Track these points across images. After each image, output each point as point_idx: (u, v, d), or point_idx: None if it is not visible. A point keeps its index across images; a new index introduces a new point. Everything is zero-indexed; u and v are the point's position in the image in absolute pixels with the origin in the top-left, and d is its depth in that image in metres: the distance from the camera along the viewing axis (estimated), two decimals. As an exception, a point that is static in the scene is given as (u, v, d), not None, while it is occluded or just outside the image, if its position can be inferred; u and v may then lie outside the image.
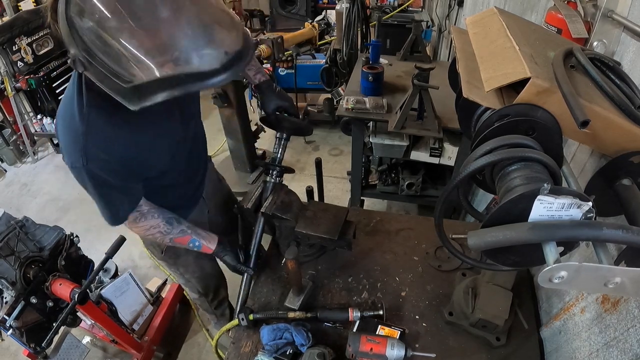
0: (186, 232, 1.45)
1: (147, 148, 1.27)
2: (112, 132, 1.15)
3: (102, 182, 1.19)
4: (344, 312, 1.37)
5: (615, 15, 1.01)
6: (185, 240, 1.46)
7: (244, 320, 1.39)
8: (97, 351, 2.52)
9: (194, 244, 1.47)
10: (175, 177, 1.50)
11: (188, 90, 0.90)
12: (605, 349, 0.98)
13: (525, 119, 0.80)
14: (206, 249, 1.51)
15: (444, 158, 2.49)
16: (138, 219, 1.36)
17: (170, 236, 1.43)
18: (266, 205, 1.52)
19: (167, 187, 1.50)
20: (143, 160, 1.27)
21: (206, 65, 0.91)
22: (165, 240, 1.43)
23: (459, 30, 1.16)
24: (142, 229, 1.38)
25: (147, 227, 1.38)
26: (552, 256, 0.62)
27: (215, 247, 1.51)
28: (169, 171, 1.42)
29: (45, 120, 3.96)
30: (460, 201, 1.08)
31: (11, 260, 1.72)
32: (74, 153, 1.12)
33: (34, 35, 3.88)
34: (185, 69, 0.89)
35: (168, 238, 1.43)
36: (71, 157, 1.12)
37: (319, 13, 4.86)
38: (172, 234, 1.42)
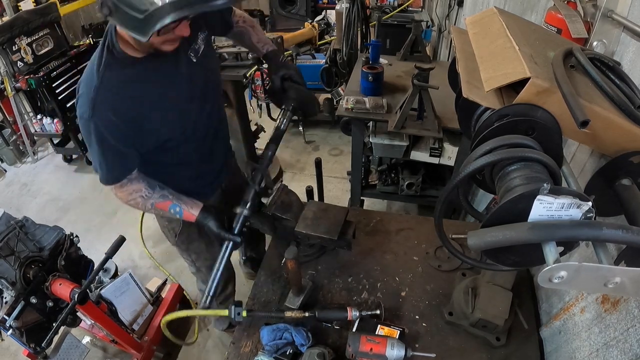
0: (167, 197, 1.44)
1: (154, 108, 1.32)
2: (122, 90, 1.25)
3: (103, 139, 1.25)
4: (343, 312, 1.37)
5: (615, 15, 1.01)
6: (166, 206, 1.44)
7: (239, 315, 1.35)
8: (97, 351, 2.52)
9: (175, 209, 1.45)
10: (189, 153, 1.52)
11: (195, 10, 1.03)
12: (605, 349, 0.98)
13: (525, 119, 0.80)
14: (188, 216, 1.46)
15: (443, 158, 2.49)
16: (125, 184, 1.38)
17: (151, 200, 1.42)
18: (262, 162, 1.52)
19: (181, 165, 1.54)
20: (147, 120, 1.31)
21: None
22: (147, 205, 1.42)
23: (459, 30, 1.16)
24: (126, 193, 1.39)
25: (130, 190, 1.39)
26: (552, 256, 0.62)
27: (198, 214, 1.46)
28: (180, 142, 1.45)
29: (45, 120, 3.95)
30: (460, 201, 1.08)
31: (11, 260, 1.72)
32: (84, 104, 1.22)
33: (33, 35, 3.88)
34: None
35: (149, 202, 1.42)
36: (81, 108, 1.23)
37: (319, 13, 4.86)
38: (152, 198, 1.42)
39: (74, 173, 4.21)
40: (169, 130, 1.39)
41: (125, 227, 3.39)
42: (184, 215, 1.46)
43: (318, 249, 1.66)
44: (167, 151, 1.45)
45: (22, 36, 3.75)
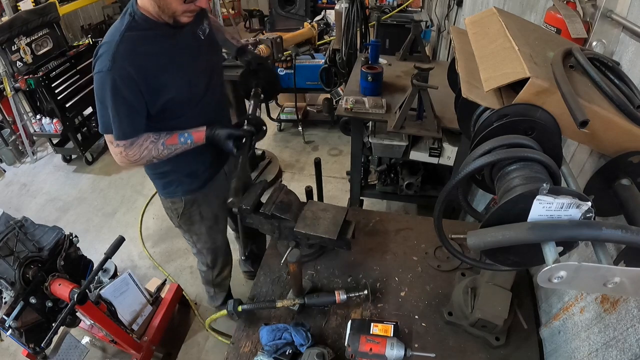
0: (173, 132, 1.56)
1: (166, 67, 1.46)
2: (139, 46, 1.39)
3: (118, 92, 1.37)
4: (331, 295, 1.40)
5: (614, 15, 1.01)
6: (175, 138, 1.55)
7: (233, 314, 1.41)
8: (96, 351, 2.52)
9: (183, 136, 1.57)
10: (196, 118, 1.61)
11: None
12: (604, 349, 0.98)
13: (524, 119, 0.80)
14: (198, 136, 1.58)
15: (443, 158, 2.49)
16: (134, 140, 1.49)
17: (161, 140, 1.53)
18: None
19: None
20: (159, 76, 1.45)
21: None
22: (158, 147, 1.53)
23: (459, 30, 1.16)
24: (137, 146, 1.50)
25: (140, 142, 1.50)
26: (552, 256, 0.62)
27: (205, 129, 1.58)
28: (185, 109, 1.58)
29: (45, 120, 3.95)
30: (460, 201, 1.08)
31: (10, 261, 1.72)
32: (104, 58, 1.34)
33: (33, 35, 3.88)
34: None
35: (160, 143, 1.53)
36: (101, 64, 1.35)
37: (318, 13, 4.87)
38: (161, 137, 1.54)
39: (73, 173, 4.21)
40: (177, 92, 1.51)
41: (125, 227, 3.39)
42: (194, 137, 1.58)
43: (317, 249, 1.66)
44: (174, 118, 1.57)
45: (21, 36, 3.75)
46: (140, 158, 1.51)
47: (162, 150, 1.54)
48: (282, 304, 1.40)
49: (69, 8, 4.84)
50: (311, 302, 1.42)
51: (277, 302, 1.41)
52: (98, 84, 1.37)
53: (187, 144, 1.58)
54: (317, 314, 1.45)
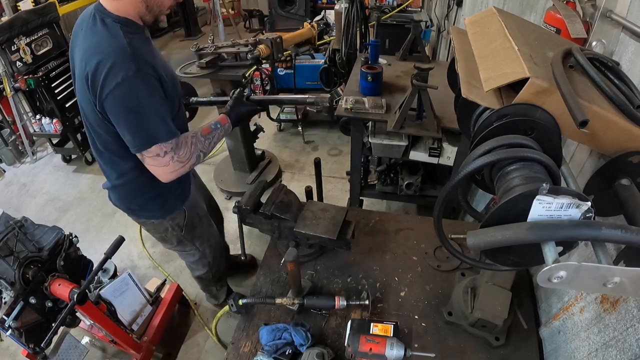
0: (201, 127, 1.60)
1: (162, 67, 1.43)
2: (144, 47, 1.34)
3: (154, 91, 1.31)
4: (331, 300, 1.39)
5: (614, 15, 1.01)
6: (207, 128, 1.59)
7: (234, 307, 1.41)
8: (96, 351, 2.52)
9: (212, 124, 1.62)
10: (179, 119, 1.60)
11: None
12: (604, 349, 0.98)
13: (524, 119, 0.80)
14: (221, 119, 1.67)
15: (443, 158, 2.49)
16: (179, 141, 1.42)
17: (198, 132, 1.55)
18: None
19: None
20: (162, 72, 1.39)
21: None
22: (199, 139, 1.52)
23: (458, 30, 1.16)
24: (184, 148, 1.44)
25: (184, 141, 1.45)
26: (551, 256, 0.62)
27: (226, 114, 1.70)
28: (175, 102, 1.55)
29: (44, 120, 3.95)
30: (460, 201, 1.08)
31: (10, 261, 1.72)
32: (124, 64, 1.23)
33: (32, 35, 3.87)
34: None
35: (199, 135, 1.54)
36: (122, 69, 1.23)
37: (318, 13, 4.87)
38: (196, 131, 1.56)
39: (73, 173, 4.21)
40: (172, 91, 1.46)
41: (125, 227, 3.39)
42: (220, 121, 1.65)
43: (317, 249, 1.66)
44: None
45: (21, 36, 3.74)
46: (191, 155, 1.46)
47: (204, 142, 1.53)
48: (282, 301, 1.40)
49: (68, 8, 4.83)
50: (310, 304, 1.41)
51: (276, 298, 1.41)
52: (128, 93, 1.25)
53: (218, 128, 1.60)
54: (317, 314, 1.45)
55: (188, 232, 1.91)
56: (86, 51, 1.30)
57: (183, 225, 1.86)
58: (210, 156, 2.05)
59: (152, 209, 1.75)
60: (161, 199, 1.72)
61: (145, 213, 1.78)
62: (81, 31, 1.37)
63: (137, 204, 1.74)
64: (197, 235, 1.99)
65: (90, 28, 1.32)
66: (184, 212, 1.84)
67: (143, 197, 1.70)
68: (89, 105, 1.38)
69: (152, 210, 1.76)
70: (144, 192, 1.67)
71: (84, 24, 1.36)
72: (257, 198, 1.62)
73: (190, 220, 1.88)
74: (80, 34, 1.37)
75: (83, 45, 1.33)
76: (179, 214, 1.83)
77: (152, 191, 1.67)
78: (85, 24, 1.35)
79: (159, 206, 1.74)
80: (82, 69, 1.30)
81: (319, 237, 1.50)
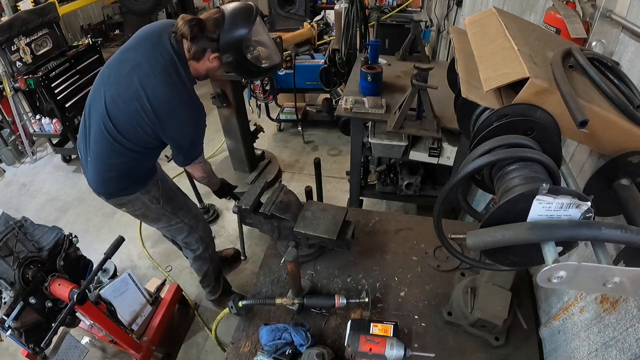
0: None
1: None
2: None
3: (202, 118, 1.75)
4: (331, 299, 1.39)
5: (614, 16, 1.01)
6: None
7: (233, 308, 1.41)
8: (96, 351, 2.51)
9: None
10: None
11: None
12: (604, 349, 0.98)
13: (524, 119, 0.80)
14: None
15: (442, 158, 2.49)
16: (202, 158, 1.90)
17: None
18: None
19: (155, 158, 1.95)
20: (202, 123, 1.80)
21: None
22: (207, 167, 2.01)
23: (458, 30, 1.16)
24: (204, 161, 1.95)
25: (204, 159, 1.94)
26: (551, 256, 0.62)
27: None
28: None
29: (44, 120, 3.95)
30: (459, 201, 1.08)
31: (10, 261, 1.72)
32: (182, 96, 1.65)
33: (32, 35, 3.87)
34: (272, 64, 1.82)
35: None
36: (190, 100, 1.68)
37: (318, 13, 4.87)
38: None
39: (73, 173, 4.21)
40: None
41: (124, 227, 3.39)
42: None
43: (317, 249, 1.66)
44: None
45: (21, 36, 3.74)
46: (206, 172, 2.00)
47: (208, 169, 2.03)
48: (282, 301, 1.40)
49: (68, 8, 4.83)
50: (310, 304, 1.41)
51: (276, 299, 1.41)
52: (191, 115, 1.71)
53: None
54: (317, 314, 1.45)
55: (167, 203, 2.02)
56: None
57: (159, 197, 1.98)
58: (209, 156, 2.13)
59: (126, 186, 1.89)
60: (133, 177, 1.89)
61: (121, 192, 1.90)
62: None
63: (115, 187, 1.88)
64: (177, 207, 2.09)
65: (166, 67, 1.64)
66: (157, 184, 1.98)
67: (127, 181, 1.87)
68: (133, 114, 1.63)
69: (126, 187, 1.89)
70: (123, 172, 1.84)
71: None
72: (257, 198, 1.62)
73: (165, 192, 2.01)
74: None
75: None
76: (153, 186, 1.96)
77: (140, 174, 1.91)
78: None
79: (132, 182, 1.89)
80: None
81: (319, 237, 1.49)
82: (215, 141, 4.26)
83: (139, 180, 1.92)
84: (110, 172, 1.82)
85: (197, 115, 1.72)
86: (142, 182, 1.93)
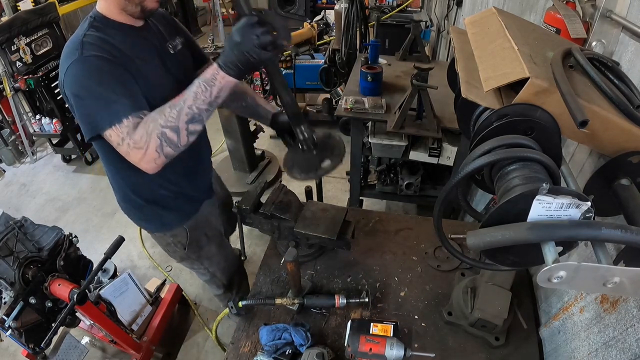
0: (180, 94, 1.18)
1: (134, 69, 1.25)
2: (106, 43, 1.22)
3: (100, 70, 1.17)
4: (331, 299, 1.39)
5: (614, 15, 1.01)
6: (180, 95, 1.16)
7: (233, 309, 1.41)
8: (96, 351, 2.52)
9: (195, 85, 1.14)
10: None
11: None
12: (604, 349, 0.98)
13: (524, 118, 0.80)
14: (209, 72, 1.12)
15: (442, 158, 2.49)
16: (139, 121, 1.16)
17: (166, 105, 1.16)
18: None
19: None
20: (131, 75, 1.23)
21: None
22: (164, 111, 1.15)
23: (458, 30, 1.16)
24: (141, 129, 1.15)
25: (144, 121, 1.16)
26: (551, 256, 0.62)
27: (220, 59, 1.12)
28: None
29: (44, 120, 3.95)
30: (459, 201, 1.08)
31: (10, 261, 1.72)
32: (70, 52, 1.18)
33: (32, 35, 3.87)
34: None
35: (166, 107, 1.16)
36: (68, 57, 1.18)
37: (318, 13, 4.86)
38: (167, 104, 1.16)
39: (73, 173, 4.21)
40: (150, 99, 1.26)
41: (124, 227, 3.39)
42: (206, 74, 1.13)
43: (317, 249, 1.66)
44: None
45: (21, 36, 3.74)
46: (149, 137, 1.13)
47: (169, 114, 1.14)
48: (282, 301, 1.40)
49: (68, 8, 4.83)
50: (310, 304, 1.42)
51: (276, 299, 1.41)
52: (73, 77, 1.17)
53: (196, 86, 1.13)
54: (317, 314, 1.45)
55: (193, 251, 1.77)
56: None
57: (186, 244, 1.72)
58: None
59: (149, 220, 1.66)
60: (155, 209, 1.59)
61: (145, 224, 1.70)
62: None
63: (135, 211, 1.62)
64: (204, 256, 1.84)
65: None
66: (186, 232, 1.68)
67: (134, 202, 1.56)
68: None
69: (150, 221, 1.66)
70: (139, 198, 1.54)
71: None
72: (257, 198, 1.62)
73: (195, 240, 1.73)
74: None
75: None
76: (180, 233, 1.68)
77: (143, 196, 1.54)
78: None
79: (155, 217, 1.62)
80: None
81: (319, 237, 1.49)
82: (216, 141, 4.26)
83: (161, 217, 1.62)
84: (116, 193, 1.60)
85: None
86: (167, 223, 1.64)
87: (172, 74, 1.41)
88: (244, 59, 1.06)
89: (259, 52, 1.04)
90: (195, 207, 1.70)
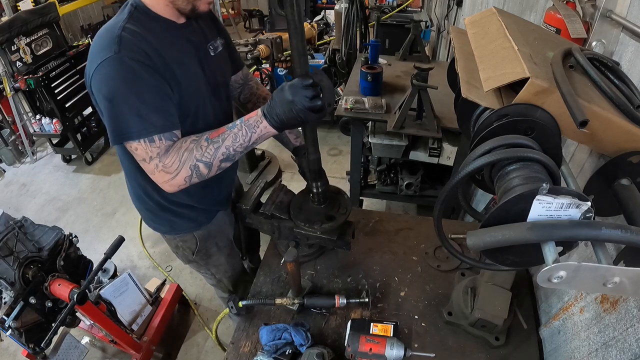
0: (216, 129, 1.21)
1: (172, 67, 1.19)
2: (145, 38, 1.13)
3: (137, 77, 1.09)
4: (331, 299, 1.39)
5: (614, 15, 1.01)
6: (221, 129, 1.20)
7: (233, 309, 1.41)
8: (96, 351, 2.52)
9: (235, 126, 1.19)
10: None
11: None
12: (604, 349, 0.98)
13: (524, 118, 0.80)
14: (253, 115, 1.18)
15: (442, 158, 2.49)
16: (170, 146, 1.15)
17: (204, 136, 1.19)
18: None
19: None
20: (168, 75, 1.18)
21: None
22: (201, 143, 1.17)
23: (458, 30, 1.16)
24: (174, 154, 1.16)
25: (178, 146, 1.17)
26: (551, 256, 0.62)
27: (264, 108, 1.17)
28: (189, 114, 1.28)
29: (44, 120, 3.95)
30: (460, 201, 1.08)
31: (10, 261, 1.72)
32: (106, 46, 1.08)
33: (32, 35, 3.88)
34: None
35: (203, 139, 1.18)
36: (103, 50, 1.08)
37: (318, 13, 4.87)
38: (207, 133, 1.19)
39: (73, 173, 4.21)
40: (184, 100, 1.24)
41: (124, 227, 3.39)
42: (251, 116, 1.17)
43: (317, 249, 1.66)
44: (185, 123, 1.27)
45: (21, 36, 3.75)
46: (181, 166, 1.15)
47: (206, 148, 1.16)
48: (282, 301, 1.40)
49: (68, 8, 4.83)
50: (310, 304, 1.42)
51: (276, 299, 1.41)
52: (107, 75, 1.08)
53: (237, 127, 1.18)
54: (317, 314, 1.45)
55: (201, 258, 1.72)
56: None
57: (194, 250, 1.67)
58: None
59: (159, 222, 1.59)
60: (167, 214, 1.54)
61: (155, 225, 1.62)
62: None
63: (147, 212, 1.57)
64: (213, 264, 1.79)
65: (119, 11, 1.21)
66: (195, 240, 1.64)
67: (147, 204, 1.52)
68: None
69: (160, 223, 1.60)
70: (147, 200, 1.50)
71: None
72: (257, 198, 1.62)
73: (204, 248, 1.68)
74: None
75: None
76: (189, 239, 1.64)
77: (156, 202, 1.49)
78: None
79: (165, 221, 1.57)
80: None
81: (319, 237, 1.49)
82: (215, 141, 4.26)
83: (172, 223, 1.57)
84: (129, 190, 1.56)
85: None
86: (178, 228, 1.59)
87: (209, 77, 1.36)
88: (291, 117, 1.11)
89: (307, 115, 1.10)
90: (209, 217, 1.64)
